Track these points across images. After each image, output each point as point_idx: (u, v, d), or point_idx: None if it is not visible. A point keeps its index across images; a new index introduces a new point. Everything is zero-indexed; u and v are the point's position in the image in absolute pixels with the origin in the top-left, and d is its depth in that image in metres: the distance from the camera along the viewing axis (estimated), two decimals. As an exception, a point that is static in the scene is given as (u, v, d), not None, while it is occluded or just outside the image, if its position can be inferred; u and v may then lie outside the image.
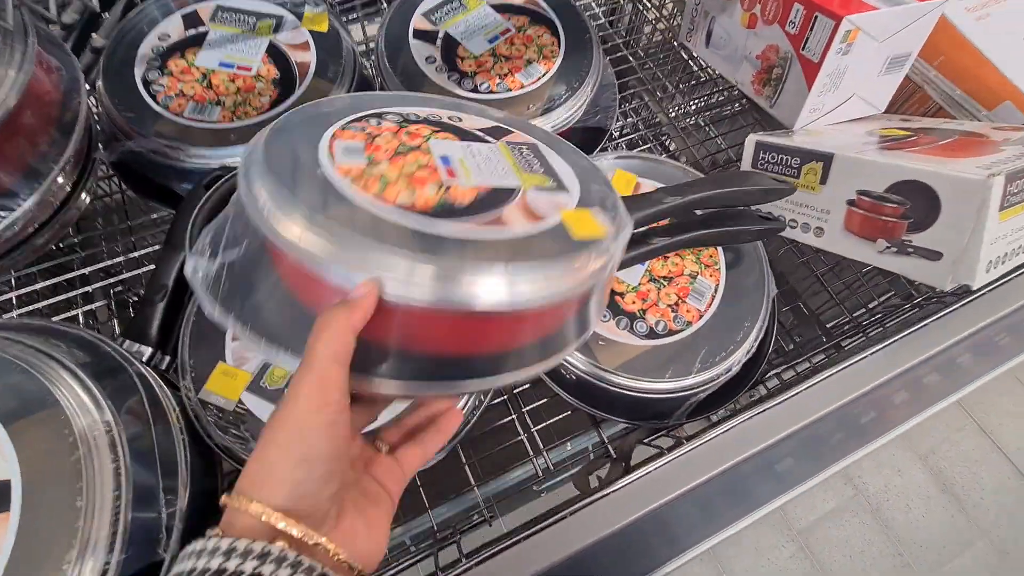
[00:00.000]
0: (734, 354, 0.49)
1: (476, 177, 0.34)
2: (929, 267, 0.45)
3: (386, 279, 0.26)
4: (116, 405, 0.38)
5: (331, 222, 0.26)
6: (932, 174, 0.43)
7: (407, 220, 0.28)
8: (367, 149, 0.33)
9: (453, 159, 0.35)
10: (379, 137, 0.35)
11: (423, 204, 0.30)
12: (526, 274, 0.28)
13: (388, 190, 0.30)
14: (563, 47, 0.62)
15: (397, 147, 0.34)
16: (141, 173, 0.56)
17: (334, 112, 0.36)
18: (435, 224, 0.29)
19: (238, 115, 0.54)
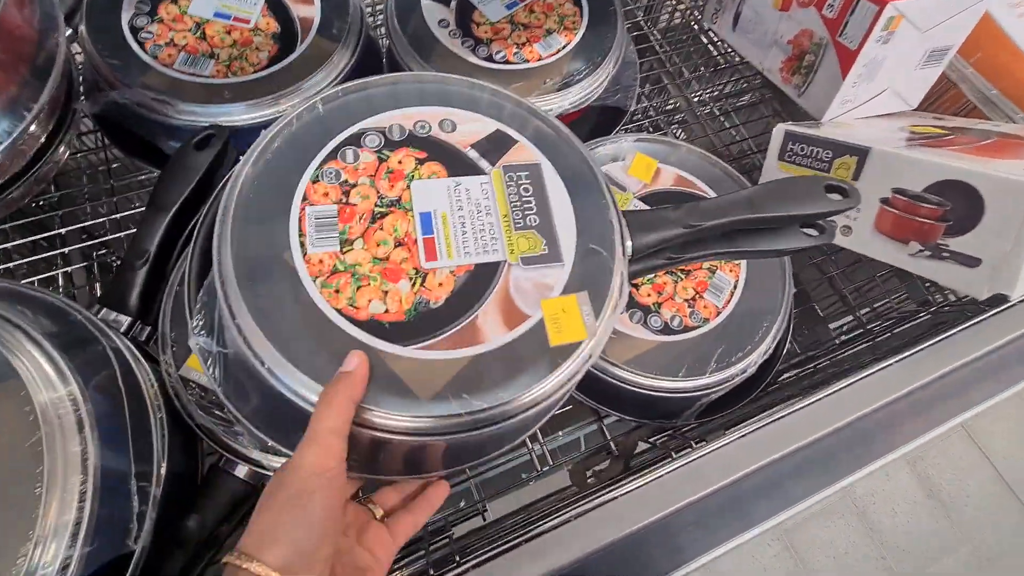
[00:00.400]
0: (751, 354, 0.47)
1: (457, 252, 0.33)
2: (965, 274, 0.42)
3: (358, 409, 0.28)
4: (85, 379, 0.35)
5: (302, 358, 0.29)
6: (978, 175, 0.40)
7: (378, 344, 0.30)
8: (340, 217, 0.33)
9: (435, 219, 0.34)
10: (355, 189, 0.34)
11: (396, 310, 0.31)
12: (489, 409, 0.30)
13: (360, 295, 0.31)
14: (586, 18, 0.58)
15: (375, 206, 0.34)
16: (125, 127, 0.52)
17: (311, 141, 0.34)
18: (403, 349, 0.30)
19: (233, 70, 0.50)
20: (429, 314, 0.31)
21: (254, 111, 0.49)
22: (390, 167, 0.35)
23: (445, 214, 0.34)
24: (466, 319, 0.31)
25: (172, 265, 0.46)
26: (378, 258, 0.32)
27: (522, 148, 0.37)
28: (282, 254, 0.31)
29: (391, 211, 0.33)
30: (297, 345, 0.29)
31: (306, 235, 0.31)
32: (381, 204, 0.34)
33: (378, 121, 0.36)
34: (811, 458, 0.42)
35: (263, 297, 0.29)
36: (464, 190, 0.35)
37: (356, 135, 0.35)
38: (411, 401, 0.29)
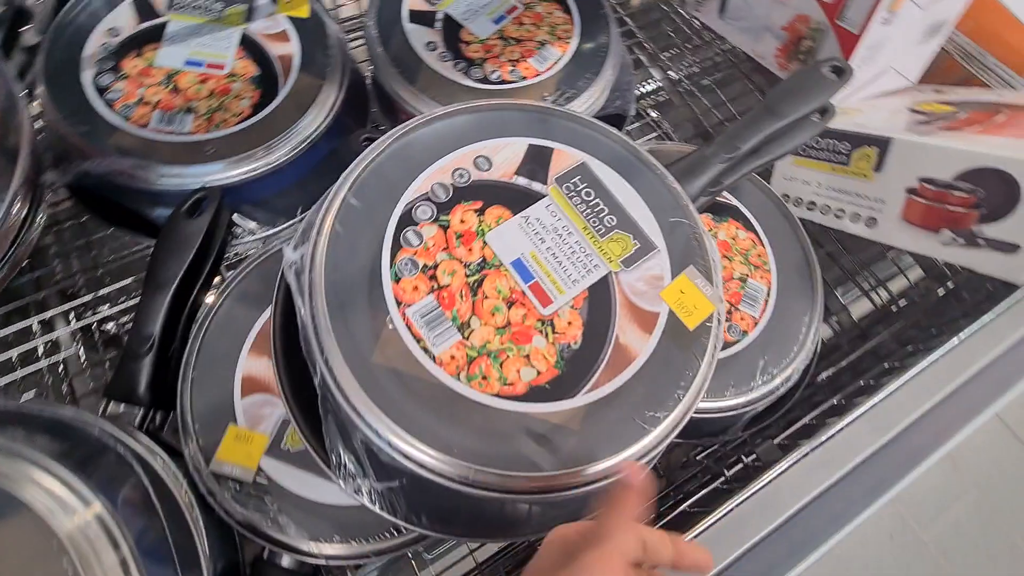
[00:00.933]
0: (795, 361, 0.46)
1: (565, 285, 0.33)
2: (1003, 260, 0.42)
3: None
4: (108, 495, 0.32)
5: (492, 456, 0.28)
6: (1012, 161, 0.39)
7: (552, 408, 0.30)
8: (443, 304, 0.31)
9: (529, 263, 0.33)
10: (439, 269, 0.32)
11: (546, 368, 0.30)
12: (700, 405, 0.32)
13: (506, 371, 0.30)
14: (578, 26, 0.56)
15: (466, 276, 0.32)
16: (103, 197, 0.48)
17: (370, 240, 0.32)
18: (575, 400, 0.30)
19: (215, 123, 0.46)
20: (575, 357, 0.31)
21: (245, 165, 0.46)
22: (457, 231, 0.33)
23: (533, 253, 0.33)
24: (609, 344, 0.31)
25: (178, 345, 0.43)
26: (500, 327, 0.31)
27: (561, 153, 0.36)
28: (414, 371, 0.29)
29: (485, 274, 0.32)
30: (480, 446, 0.28)
31: (423, 339, 0.30)
32: (472, 272, 0.32)
33: (417, 188, 0.33)
34: (870, 464, 0.41)
35: (420, 416, 0.28)
36: (536, 220, 0.34)
37: (406, 214, 0.33)
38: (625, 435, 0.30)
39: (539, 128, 0.37)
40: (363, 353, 0.29)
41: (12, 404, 0.35)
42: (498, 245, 0.33)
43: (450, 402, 0.29)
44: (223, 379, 0.40)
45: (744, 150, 0.40)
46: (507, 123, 0.37)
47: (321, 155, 0.51)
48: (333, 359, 0.29)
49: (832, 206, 0.51)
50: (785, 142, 0.42)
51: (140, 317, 0.41)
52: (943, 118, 0.49)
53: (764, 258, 0.49)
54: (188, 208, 0.43)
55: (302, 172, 0.51)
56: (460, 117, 0.37)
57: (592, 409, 0.30)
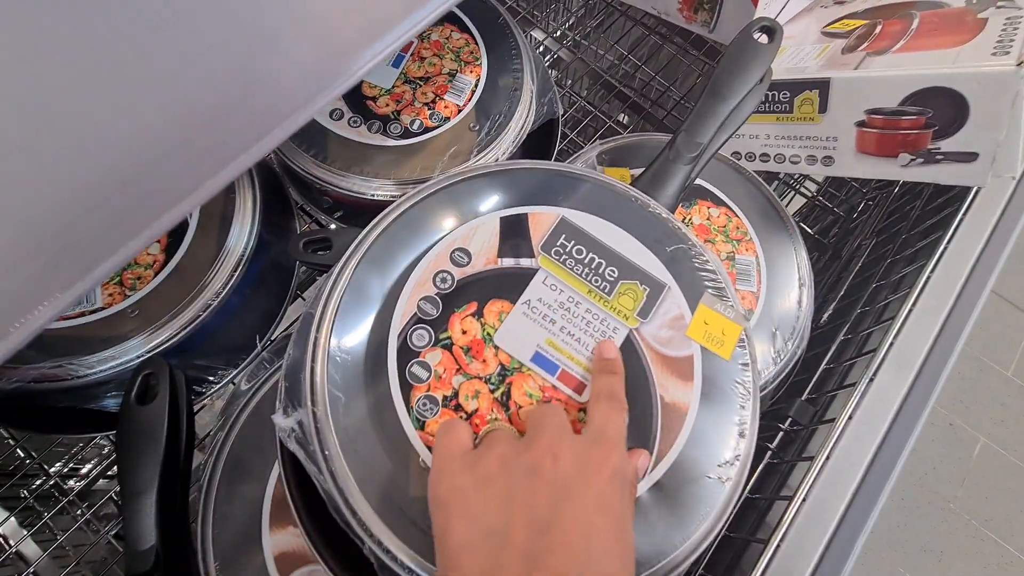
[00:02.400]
0: (801, 318, 0.46)
1: (590, 361, 0.30)
2: (964, 169, 0.43)
3: None
4: None
5: None
6: (953, 76, 0.39)
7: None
8: (475, 429, 0.28)
9: (548, 354, 0.30)
10: (460, 396, 0.29)
11: None
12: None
13: None
14: (481, 43, 0.51)
15: (491, 392, 0.29)
16: (28, 408, 0.41)
17: (378, 399, 0.28)
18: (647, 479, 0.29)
19: (129, 286, 0.40)
20: (629, 433, 0.28)
21: (183, 317, 0.40)
22: (463, 345, 0.30)
23: (549, 340, 0.30)
24: (657, 409, 0.30)
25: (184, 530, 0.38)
26: None
27: (536, 216, 0.33)
28: None
29: (510, 382, 0.29)
30: None
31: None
32: (495, 385, 0.29)
33: (403, 314, 0.30)
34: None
35: None
36: (538, 302, 0.31)
37: (402, 346, 0.29)
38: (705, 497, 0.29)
39: (501, 195, 0.34)
40: (412, 519, 0.26)
41: None
42: (510, 345, 0.30)
43: None
44: (253, 566, 0.36)
45: (705, 143, 0.39)
46: (465, 201, 0.33)
47: (259, 267, 0.46)
48: (384, 538, 0.26)
49: (786, 154, 0.51)
50: (736, 119, 0.41)
51: (131, 535, 0.36)
52: (862, 37, 0.49)
53: (742, 228, 0.48)
54: (138, 396, 0.37)
55: (245, 294, 0.45)
56: (413, 211, 0.33)
57: (666, 482, 0.29)
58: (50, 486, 0.46)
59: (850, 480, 0.39)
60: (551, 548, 0.21)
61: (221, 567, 0.36)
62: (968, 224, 0.47)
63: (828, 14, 0.57)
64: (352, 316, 0.30)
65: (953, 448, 1.31)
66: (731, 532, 0.43)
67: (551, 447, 0.23)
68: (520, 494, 0.22)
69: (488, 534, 0.22)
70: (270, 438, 0.39)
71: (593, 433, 0.25)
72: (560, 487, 0.22)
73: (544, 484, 0.22)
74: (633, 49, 0.74)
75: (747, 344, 0.32)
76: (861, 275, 0.57)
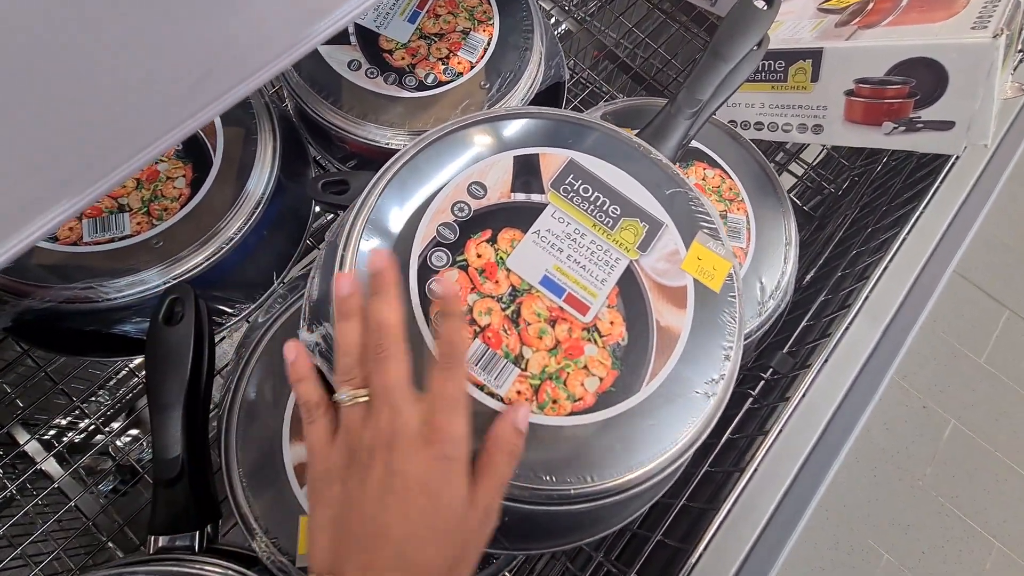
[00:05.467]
0: (786, 274, 0.49)
1: (595, 287, 0.33)
2: (941, 137, 0.46)
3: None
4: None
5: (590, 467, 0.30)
6: (935, 47, 0.42)
7: (626, 405, 0.31)
8: (492, 344, 0.31)
9: (556, 278, 0.33)
10: (475, 311, 0.32)
11: (606, 373, 0.31)
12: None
13: (572, 388, 0.31)
14: (494, 3, 0.53)
15: (503, 310, 0.32)
16: (56, 330, 0.43)
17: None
18: (642, 392, 0.32)
19: (156, 216, 0.42)
20: (627, 353, 0.32)
21: (205, 250, 0.42)
22: (478, 267, 0.32)
23: (556, 266, 0.33)
24: (653, 331, 0.33)
25: (204, 443, 0.40)
26: (551, 348, 0.31)
27: (547, 157, 0.36)
28: (494, 407, 0.30)
29: (520, 302, 0.32)
30: (571, 464, 0.29)
31: (485, 384, 0.30)
32: (506, 304, 0.32)
33: (423, 237, 0.32)
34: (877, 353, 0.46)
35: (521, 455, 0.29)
36: (547, 232, 0.34)
37: (422, 266, 0.32)
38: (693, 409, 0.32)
39: (517, 136, 0.36)
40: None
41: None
42: (521, 268, 0.33)
43: (532, 434, 0.30)
44: (275, 475, 0.38)
45: (704, 100, 0.41)
46: (482, 141, 0.36)
47: (277, 210, 0.48)
48: None
49: (779, 122, 0.54)
50: (734, 80, 0.44)
51: (159, 444, 0.38)
52: (855, 13, 0.52)
53: (735, 189, 0.51)
54: (164, 317, 0.39)
55: (263, 235, 0.47)
56: (433, 148, 0.35)
57: (659, 394, 0.32)
58: (75, 416, 0.49)
59: (821, 418, 0.42)
60: (380, 535, 0.23)
61: (246, 477, 0.38)
62: (940, 196, 0.50)
63: (824, -8, 0.59)
64: (376, 237, 0.32)
65: (925, 429, 1.36)
66: (712, 467, 0.46)
67: (405, 461, 0.24)
68: (355, 491, 0.24)
69: (333, 521, 0.25)
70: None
71: (427, 429, 0.25)
72: (387, 482, 0.24)
73: (374, 480, 0.24)
74: (638, 23, 0.76)
75: (735, 279, 0.35)
76: (843, 243, 0.60)
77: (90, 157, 0.21)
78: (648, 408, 0.31)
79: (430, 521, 0.24)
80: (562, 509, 0.30)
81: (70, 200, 0.21)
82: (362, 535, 0.24)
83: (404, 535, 0.23)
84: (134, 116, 0.22)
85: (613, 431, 0.31)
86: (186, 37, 0.21)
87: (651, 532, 0.44)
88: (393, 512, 0.24)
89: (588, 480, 0.29)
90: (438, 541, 0.24)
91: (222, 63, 0.23)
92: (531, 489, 0.29)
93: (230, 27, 0.22)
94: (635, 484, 0.31)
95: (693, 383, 0.32)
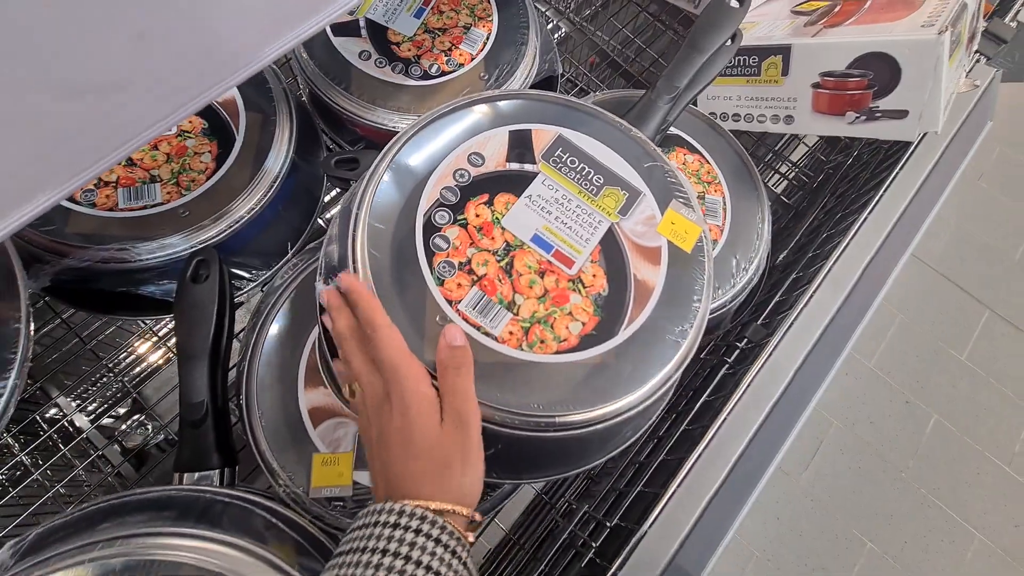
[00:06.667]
0: (759, 252, 0.54)
1: (580, 244, 0.38)
2: (897, 125, 0.51)
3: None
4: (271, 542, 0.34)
5: (561, 400, 0.33)
6: (889, 43, 0.47)
7: (604, 347, 0.35)
8: (487, 291, 0.35)
9: (544, 235, 0.38)
10: (473, 262, 0.36)
11: (588, 318, 0.36)
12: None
13: (558, 330, 0.35)
14: (493, 1, 0.58)
15: (499, 262, 0.36)
16: (88, 289, 0.47)
17: (405, 255, 0.35)
18: (618, 337, 0.36)
19: (184, 186, 0.46)
20: (608, 302, 0.36)
21: (228, 218, 0.46)
22: (476, 225, 0.36)
23: (546, 226, 0.37)
24: (631, 283, 0.37)
25: (225, 391, 0.44)
26: (540, 296, 0.36)
27: (539, 132, 0.41)
28: (483, 355, 0.34)
29: (512, 256, 0.36)
30: (557, 396, 0.34)
31: (482, 325, 0.34)
32: (501, 257, 0.36)
33: (429, 197, 0.36)
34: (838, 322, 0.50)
35: (499, 387, 0.33)
36: (538, 197, 0.38)
37: (427, 223, 0.36)
38: (665, 352, 0.36)
39: (511, 114, 0.41)
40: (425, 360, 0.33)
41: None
42: (515, 227, 0.37)
43: (522, 370, 0.34)
44: (291, 418, 0.42)
45: (682, 87, 0.46)
46: (481, 118, 0.40)
47: (292, 185, 0.52)
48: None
49: (754, 114, 0.59)
50: (710, 71, 0.48)
51: (185, 389, 0.42)
52: (823, 14, 0.57)
53: (713, 173, 0.56)
54: (192, 275, 0.44)
55: (278, 208, 0.52)
56: (438, 122, 0.39)
57: (635, 339, 0.36)
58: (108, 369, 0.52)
59: (788, 370, 0.47)
60: (387, 465, 0.31)
61: (264, 419, 0.42)
62: (897, 184, 0.55)
63: (798, -2, 0.65)
64: (387, 201, 0.36)
65: (908, 423, 1.41)
66: (690, 425, 0.50)
67: (383, 418, 0.31)
68: (379, 445, 0.31)
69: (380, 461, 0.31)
70: (301, 321, 0.46)
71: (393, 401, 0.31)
72: (386, 440, 0.31)
73: (385, 437, 0.31)
74: (627, 25, 0.81)
75: (704, 241, 0.39)
76: (816, 229, 0.65)
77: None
78: (625, 350, 0.36)
79: (412, 451, 0.30)
80: (549, 437, 0.34)
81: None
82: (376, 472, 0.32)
83: (399, 468, 0.30)
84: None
85: (594, 369, 0.35)
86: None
87: (631, 487, 0.48)
88: (387, 454, 0.31)
89: (572, 410, 0.34)
90: (422, 457, 0.30)
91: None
92: (522, 417, 0.33)
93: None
94: (614, 416, 0.35)
95: (666, 329, 0.36)
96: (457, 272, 0.35)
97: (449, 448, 0.30)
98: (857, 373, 1.44)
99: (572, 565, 0.46)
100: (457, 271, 0.35)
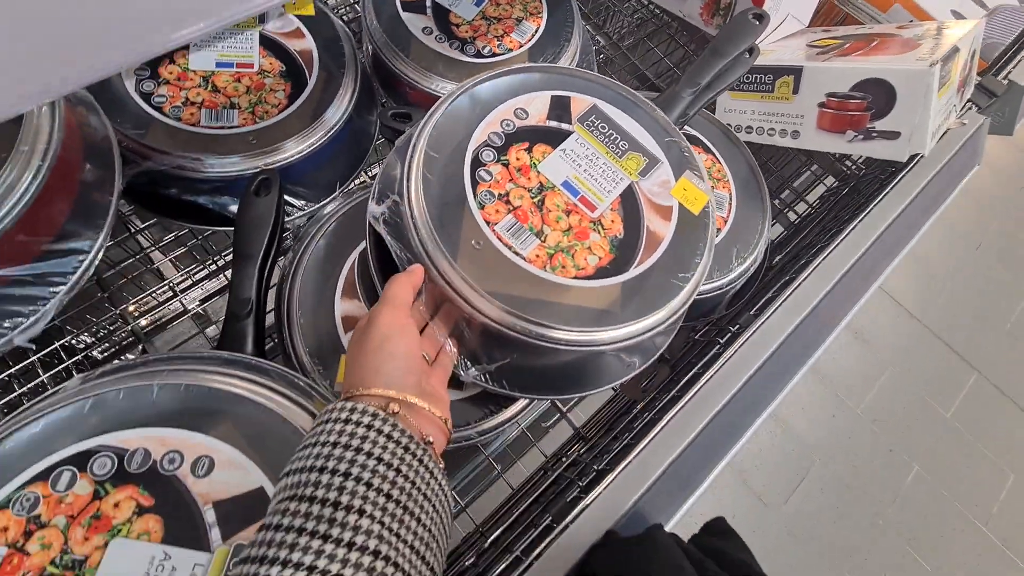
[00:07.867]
0: (758, 247, 0.59)
1: (603, 194, 0.44)
2: (890, 145, 0.57)
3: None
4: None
5: (569, 318, 0.38)
6: (888, 71, 0.54)
7: (615, 280, 0.41)
8: (521, 219, 0.41)
9: (573, 182, 0.44)
10: (511, 195, 0.42)
11: (604, 255, 0.41)
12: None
13: (578, 259, 0.41)
14: (544, 2, 0.66)
15: (532, 198, 0.42)
16: (159, 194, 0.52)
17: (452, 181, 0.41)
18: (629, 273, 0.41)
19: (258, 116, 0.52)
20: (622, 244, 0.42)
21: (291, 149, 0.52)
22: (516, 166, 0.42)
23: (575, 175, 0.43)
24: (644, 231, 0.43)
25: (266, 295, 0.49)
26: (565, 230, 0.41)
27: (577, 100, 0.47)
28: (513, 270, 0.39)
29: (544, 195, 0.42)
30: (571, 315, 0.38)
31: (512, 245, 0.39)
32: (534, 194, 0.42)
33: (477, 138, 0.43)
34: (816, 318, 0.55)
35: (524, 299, 0.38)
36: (571, 151, 0.44)
37: (475, 158, 0.42)
38: (668, 292, 0.41)
39: (555, 83, 0.47)
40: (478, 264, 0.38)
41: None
42: (549, 172, 0.43)
43: (543, 287, 0.39)
44: (326, 323, 0.47)
45: (703, 84, 0.53)
46: (530, 82, 0.47)
47: (346, 135, 0.58)
48: (446, 269, 0.38)
49: (765, 127, 0.65)
50: (728, 76, 0.55)
51: (236, 285, 0.47)
52: (835, 48, 0.64)
53: (723, 172, 0.62)
54: (256, 189, 0.49)
55: (332, 151, 0.58)
56: (491, 82, 0.46)
57: (643, 277, 0.41)
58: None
59: (770, 344, 0.51)
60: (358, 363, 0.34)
61: (303, 320, 0.47)
62: (882, 204, 0.61)
63: (815, 36, 0.72)
64: (443, 136, 0.42)
65: (889, 471, 1.43)
66: (679, 392, 0.55)
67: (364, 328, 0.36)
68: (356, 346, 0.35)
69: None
70: (343, 245, 0.51)
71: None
72: (362, 344, 0.35)
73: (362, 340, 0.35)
74: (669, 54, 0.88)
75: (710, 207, 0.45)
76: (810, 241, 0.71)
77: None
78: (634, 284, 0.41)
79: (365, 346, 0.34)
80: (561, 350, 0.39)
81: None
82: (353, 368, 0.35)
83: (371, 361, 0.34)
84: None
85: (604, 296, 0.40)
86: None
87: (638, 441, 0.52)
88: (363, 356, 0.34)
89: (580, 327, 0.38)
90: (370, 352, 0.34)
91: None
92: (537, 326, 0.38)
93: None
94: (618, 340, 0.40)
95: (670, 273, 0.42)
96: (496, 201, 0.41)
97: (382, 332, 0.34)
98: (845, 416, 1.48)
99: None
100: (496, 200, 0.41)
